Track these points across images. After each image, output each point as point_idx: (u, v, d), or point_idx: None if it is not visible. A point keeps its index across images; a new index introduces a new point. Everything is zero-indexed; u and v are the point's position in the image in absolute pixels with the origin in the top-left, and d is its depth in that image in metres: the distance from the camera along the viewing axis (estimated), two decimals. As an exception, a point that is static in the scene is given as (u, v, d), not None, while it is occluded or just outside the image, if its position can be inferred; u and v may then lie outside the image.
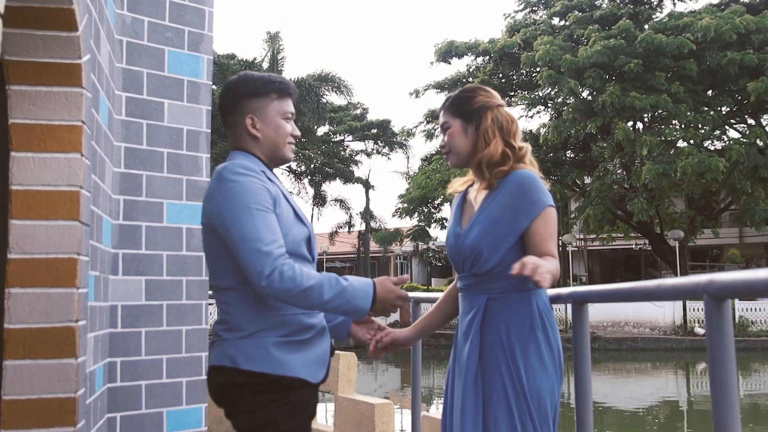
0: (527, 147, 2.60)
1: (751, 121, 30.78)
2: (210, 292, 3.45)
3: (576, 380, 2.43)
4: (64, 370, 2.71)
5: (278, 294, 2.17)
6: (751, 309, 26.91)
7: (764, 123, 30.95)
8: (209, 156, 4.27)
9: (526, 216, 2.40)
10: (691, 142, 27.82)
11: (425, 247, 42.66)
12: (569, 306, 2.52)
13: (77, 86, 2.80)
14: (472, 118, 2.58)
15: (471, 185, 2.71)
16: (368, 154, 41.85)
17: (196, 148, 4.21)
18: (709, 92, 30.51)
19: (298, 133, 2.53)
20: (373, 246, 43.84)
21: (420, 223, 35.86)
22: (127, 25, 3.99)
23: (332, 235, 41.71)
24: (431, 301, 3.17)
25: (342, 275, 2.30)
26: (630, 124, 29.43)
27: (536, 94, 31.90)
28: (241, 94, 2.44)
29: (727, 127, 30.15)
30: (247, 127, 2.43)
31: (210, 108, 4.29)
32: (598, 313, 26.92)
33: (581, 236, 38.77)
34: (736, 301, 26.70)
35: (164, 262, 4.05)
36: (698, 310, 26.77)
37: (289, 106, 2.49)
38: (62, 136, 2.77)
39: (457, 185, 2.78)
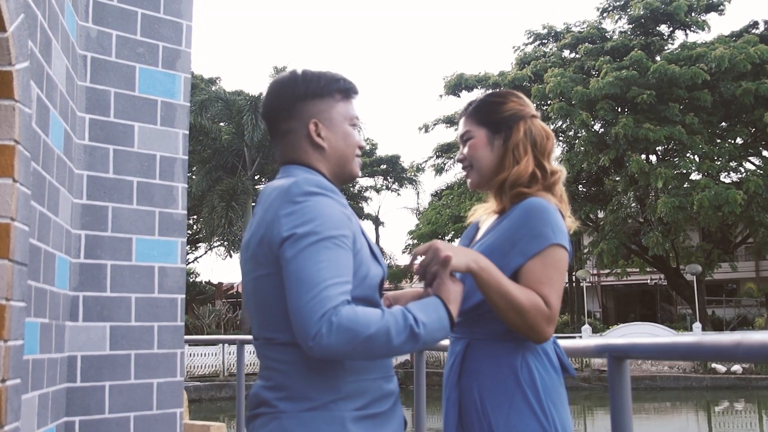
0: (561, 172, 2.12)
1: (765, 153, 30.26)
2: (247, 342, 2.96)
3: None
4: (-15, 441, 2.22)
5: (331, 352, 1.65)
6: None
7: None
8: (186, 186, 3.80)
9: (523, 252, 1.94)
10: (707, 174, 27.31)
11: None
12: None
13: (7, 98, 2.34)
14: (501, 129, 2.12)
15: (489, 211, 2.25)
16: (377, 190, 41.49)
17: (170, 176, 3.75)
18: (724, 123, 30.08)
19: (364, 143, 2.04)
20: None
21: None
22: (92, 39, 3.55)
23: (342, 273, 41.12)
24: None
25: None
26: (643, 156, 28.98)
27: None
28: (300, 94, 1.94)
29: (742, 158, 29.66)
30: (311, 135, 1.93)
31: (187, 132, 3.84)
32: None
33: (595, 271, 38.13)
34: (757, 336, 25.91)
35: (132, 305, 3.57)
36: (718, 346, 25.94)
37: (354, 109, 2.02)
38: (-12, 158, 2.31)
39: (479, 212, 2.31)
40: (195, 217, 39.39)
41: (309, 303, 1.66)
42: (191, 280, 43.95)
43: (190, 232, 42.65)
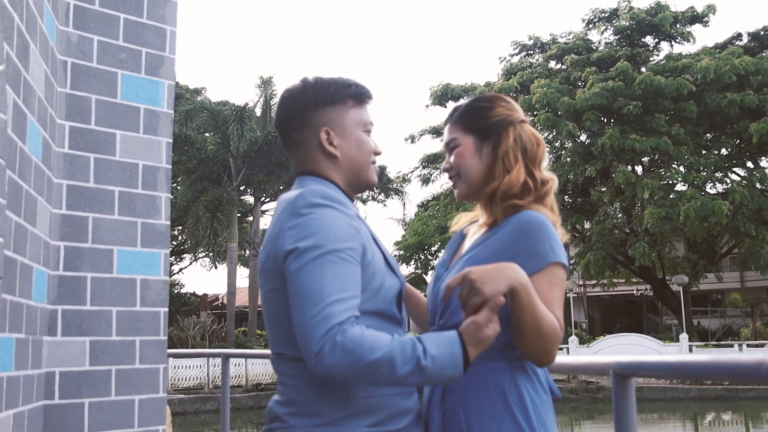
0: (553, 181, 2.01)
1: (749, 164, 30.41)
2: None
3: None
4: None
5: (333, 373, 1.61)
6: (758, 355, 26.02)
7: (765, 165, 30.62)
8: (169, 196, 3.69)
9: (524, 270, 1.77)
10: (693, 184, 27.41)
11: (423, 294, 41.94)
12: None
13: (-20, 103, 2.23)
14: (489, 135, 2.00)
15: (476, 221, 2.12)
16: (363, 201, 41.37)
17: (153, 186, 3.63)
18: (709, 134, 30.24)
19: (380, 149, 1.97)
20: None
21: (417, 270, 35.23)
22: (72, 45, 3.44)
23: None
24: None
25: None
26: (629, 167, 29.05)
27: (534, 137, 31.55)
28: (310, 102, 1.90)
29: (727, 169, 29.80)
30: (322, 144, 1.89)
31: (171, 140, 3.72)
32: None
33: (581, 282, 38.15)
34: (744, 346, 26.01)
35: (114, 319, 3.44)
36: (705, 357, 25.98)
37: (368, 115, 1.96)
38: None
39: (463, 221, 2.19)
40: (180, 227, 39.16)
41: (312, 320, 1.60)
42: (176, 291, 43.67)
43: (174, 243, 42.41)
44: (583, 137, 30.09)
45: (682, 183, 28.50)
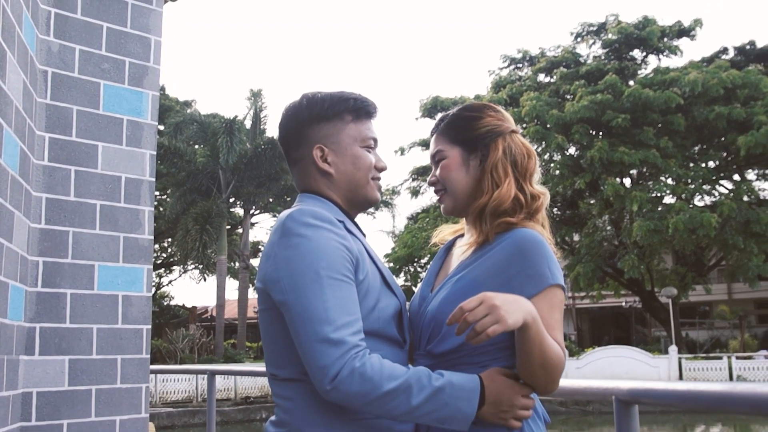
0: (545, 196, 1.89)
1: (736, 177, 30.50)
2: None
3: None
4: None
5: (347, 399, 1.58)
6: (748, 368, 25.99)
7: (752, 178, 30.74)
8: (152, 209, 3.59)
9: (521, 292, 1.67)
10: (682, 197, 27.46)
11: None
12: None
13: (-49, 114, 2.13)
14: (477, 147, 1.89)
15: (461, 236, 2.01)
16: (353, 213, 41.24)
17: (136, 199, 3.53)
18: (697, 147, 30.34)
19: (384, 164, 1.89)
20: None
21: (406, 283, 35.13)
22: (53, 54, 3.35)
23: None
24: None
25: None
26: (618, 180, 29.09)
27: (523, 150, 31.55)
28: (304, 119, 1.85)
29: (715, 182, 29.89)
30: (316, 161, 1.84)
31: (154, 153, 3.62)
32: (590, 373, 26.09)
33: (570, 294, 38.14)
34: (733, 359, 25.96)
35: (94, 337, 3.33)
36: (695, 370, 25.96)
37: (370, 129, 1.89)
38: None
39: (445, 233, 2.08)
40: (169, 239, 38.96)
41: (322, 344, 1.57)
42: (165, 303, 43.41)
43: (164, 255, 42.16)
44: (572, 150, 30.11)
45: (671, 195, 28.54)
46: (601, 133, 29.22)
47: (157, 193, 39.01)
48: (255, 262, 36.68)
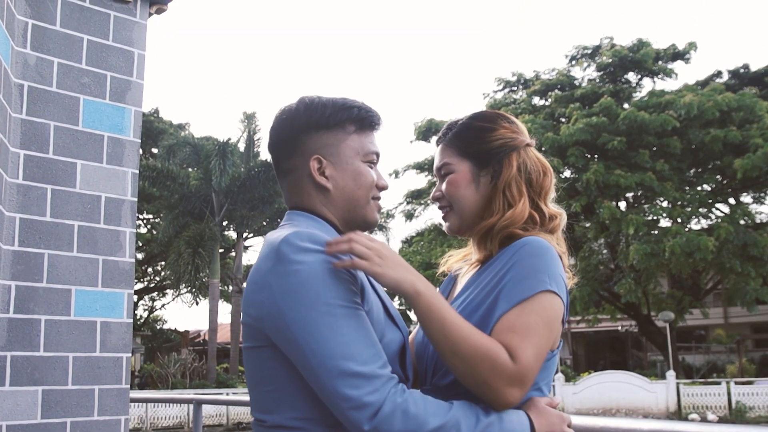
0: (562, 216, 1.72)
1: (731, 200, 30.46)
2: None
3: None
4: None
5: None
6: (748, 394, 25.73)
7: (747, 201, 30.70)
8: (134, 231, 3.41)
9: (508, 298, 1.52)
10: (678, 220, 27.37)
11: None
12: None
13: None
14: (489, 162, 1.71)
15: (468, 259, 1.81)
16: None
17: (117, 220, 3.36)
18: (693, 170, 30.32)
19: (385, 183, 1.69)
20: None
21: (401, 307, 34.90)
22: (29, 67, 3.18)
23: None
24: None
25: None
26: (613, 203, 29.01)
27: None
28: (301, 125, 1.63)
29: (711, 205, 29.84)
30: (312, 174, 1.62)
31: (137, 171, 3.45)
32: (587, 399, 25.86)
33: (566, 318, 37.97)
34: (732, 384, 25.72)
35: (70, 366, 3.14)
36: (693, 396, 25.70)
37: (373, 143, 1.68)
38: None
39: (453, 260, 1.88)
40: (162, 263, 38.68)
41: (351, 379, 1.37)
42: (158, 327, 43.07)
43: (157, 278, 41.85)
44: (567, 173, 30.04)
45: (667, 219, 28.46)
46: (596, 156, 29.16)
47: (149, 216, 38.84)
48: (249, 285, 36.32)
